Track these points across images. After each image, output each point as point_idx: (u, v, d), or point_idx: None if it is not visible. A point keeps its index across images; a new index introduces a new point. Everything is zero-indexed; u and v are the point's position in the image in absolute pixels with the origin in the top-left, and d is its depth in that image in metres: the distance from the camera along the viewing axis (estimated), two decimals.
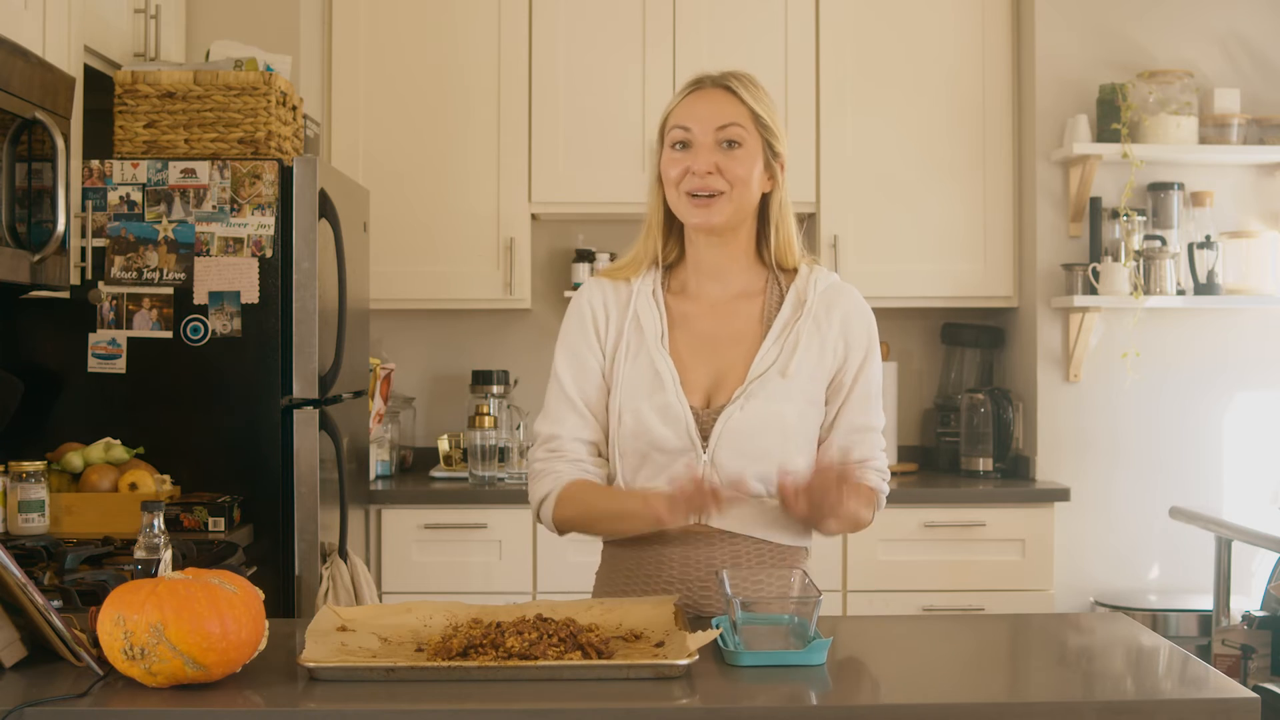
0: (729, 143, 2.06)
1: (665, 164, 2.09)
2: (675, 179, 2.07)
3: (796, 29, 4.19)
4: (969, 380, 4.38)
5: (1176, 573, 4.07)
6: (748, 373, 2.06)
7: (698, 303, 2.13)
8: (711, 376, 2.08)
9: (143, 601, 1.60)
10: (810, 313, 2.10)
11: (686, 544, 2.06)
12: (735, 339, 2.10)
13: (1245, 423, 4.11)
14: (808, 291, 2.12)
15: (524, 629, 1.76)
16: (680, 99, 2.10)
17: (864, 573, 3.91)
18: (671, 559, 2.06)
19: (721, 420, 2.04)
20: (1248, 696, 1.62)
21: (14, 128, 2.57)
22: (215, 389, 3.11)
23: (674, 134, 2.08)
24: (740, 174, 2.05)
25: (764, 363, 2.07)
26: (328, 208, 3.23)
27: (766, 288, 2.14)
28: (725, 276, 2.13)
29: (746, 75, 2.12)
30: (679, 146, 2.07)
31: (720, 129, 2.05)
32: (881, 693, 1.73)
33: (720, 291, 2.13)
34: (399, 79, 4.18)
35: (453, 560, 3.89)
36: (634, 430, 2.05)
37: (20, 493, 2.84)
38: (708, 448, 2.04)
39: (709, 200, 2.05)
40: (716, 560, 2.06)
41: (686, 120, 2.07)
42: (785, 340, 2.08)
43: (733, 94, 2.07)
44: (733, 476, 2.02)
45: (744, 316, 2.12)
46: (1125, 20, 4.09)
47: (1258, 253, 4.05)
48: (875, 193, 4.20)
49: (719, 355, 2.09)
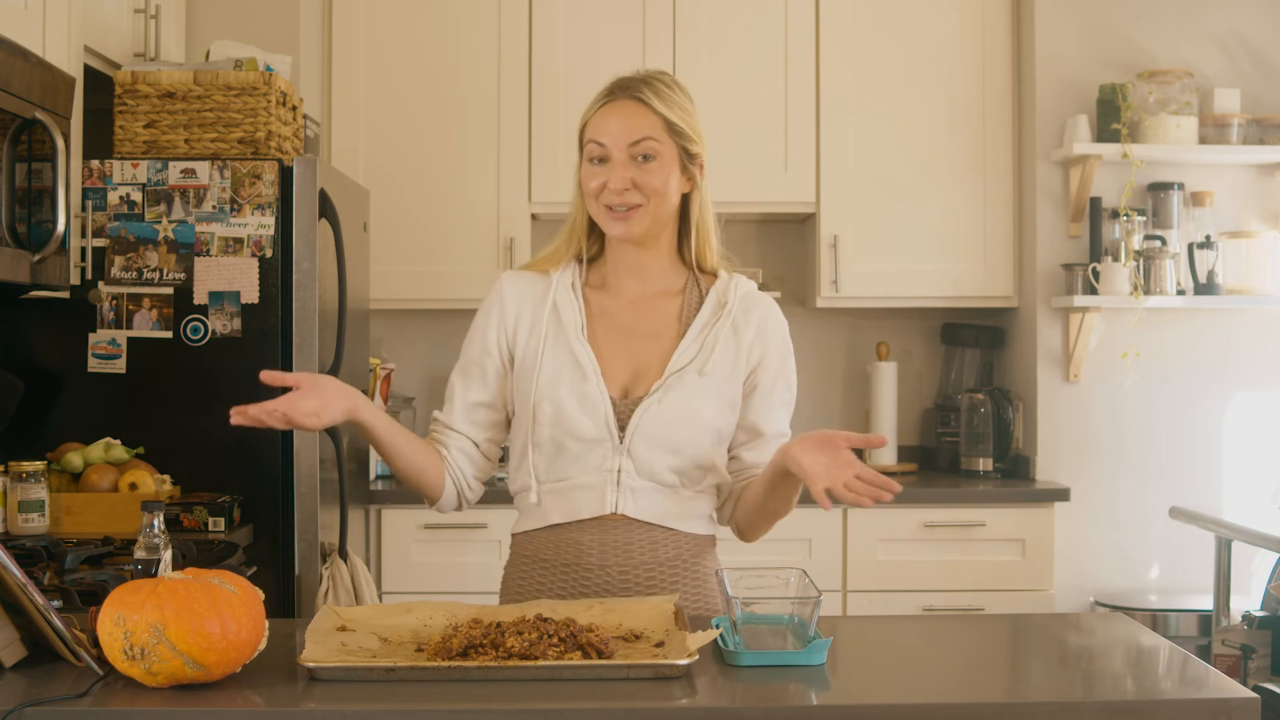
0: (643, 156, 2.07)
1: (584, 176, 2.12)
2: (593, 192, 2.09)
3: (796, 29, 4.19)
4: (969, 380, 4.38)
5: (1176, 573, 4.07)
6: (666, 368, 2.09)
7: (617, 298, 2.16)
8: (630, 369, 2.11)
9: (143, 601, 1.60)
10: (730, 315, 2.14)
11: (603, 532, 2.09)
12: (654, 335, 2.13)
13: (1245, 423, 4.11)
14: (728, 295, 2.16)
15: (524, 629, 1.76)
16: (595, 109, 2.11)
17: (864, 573, 3.91)
18: (589, 546, 2.10)
19: (639, 412, 2.07)
20: (1248, 696, 1.62)
21: (14, 128, 2.57)
22: (215, 389, 3.11)
23: (589, 149, 2.09)
24: (656, 186, 2.07)
25: (682, 359, 2.10)
26: (328, 208, 3.22)
27: (686, 288, 2.18)
28: (645, 274, 2.16)
29: (660, 80, 2.12)
30: (595, 161, 2.09)
31: (633, 144, 2.06)
32: (881, 693, 1.73)
33: (640, 289, 2.16)
34: (399, 79, 4.18)
35: (453, 560, 3.89)
36: (552, 419, 2.08)
37: (20, 493, 2.84)
38: (624, 439, 2.07)
39: (627, 213, 2.08)
40: (634, 548, 2.09)
41: (600, 135, 2.08)
42: (704, 340, 2.12)
43: (644, 104, 2.08)
44: (647, 467, 2.07)
45: (663, 314, 2.15)
46: (1125, 20, 4.09)
47: (1258, 253, 4.05)
48: (875, 193, 4.20)
49: (637, 350, 2.12)
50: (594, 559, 2.09)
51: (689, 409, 2.08)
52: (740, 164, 4.16)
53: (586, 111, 2.12)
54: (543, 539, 2.14)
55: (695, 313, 2.15)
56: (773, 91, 4.18)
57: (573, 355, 2.09)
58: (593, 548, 2.10)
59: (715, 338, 2.12)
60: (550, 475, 2.11)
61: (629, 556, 2.09)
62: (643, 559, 2.09)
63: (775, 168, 4.19)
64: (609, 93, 2.11)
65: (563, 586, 2.11)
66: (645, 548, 2.10)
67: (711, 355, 2.10)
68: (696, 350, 2.11)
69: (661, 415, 2.07)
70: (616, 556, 2.09)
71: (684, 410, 2.08)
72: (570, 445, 2.08)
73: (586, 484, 2.09)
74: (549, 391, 2.08)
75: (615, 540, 2.10)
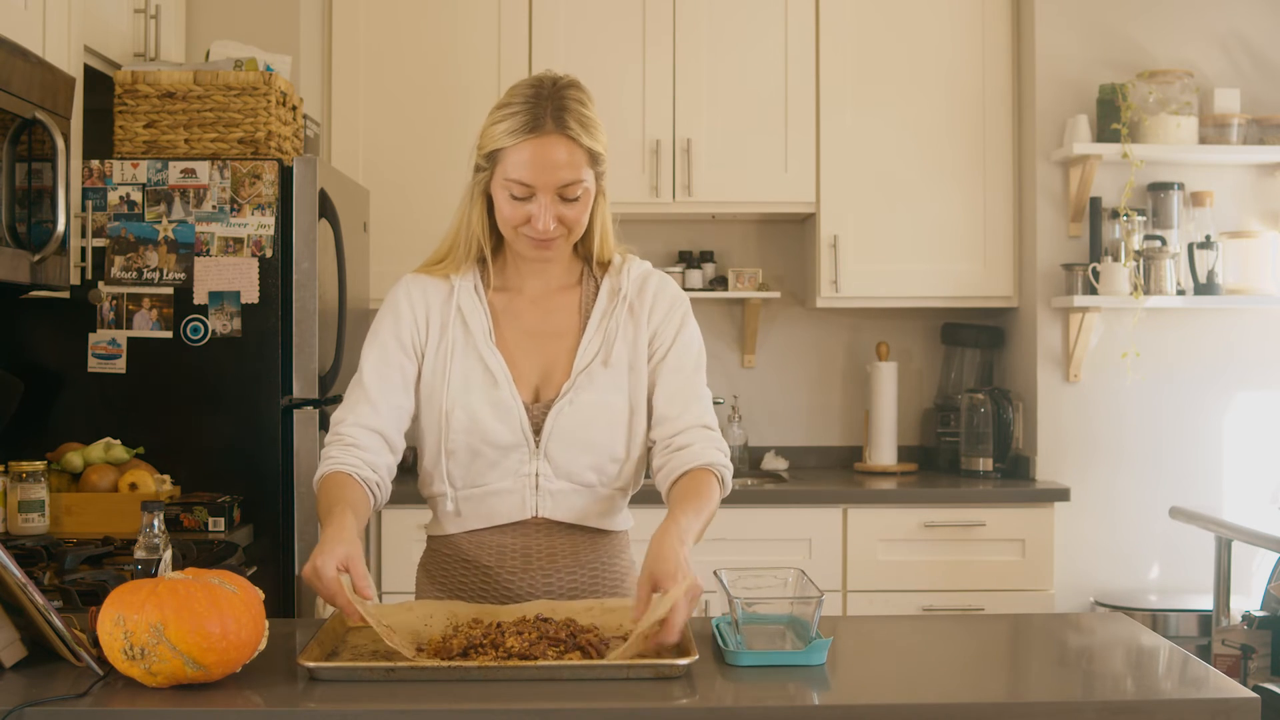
0: (571, 197, 2.02)
1: (504, 207, 2.03)
2: (515, 223, 2.03)
3: (796, 29, 4.19)
4: (969, 380, 4.38)
5: (1176, 573, 4.07)
6: (573, 365, 2.09)
7: (517, 297, 2.14)
8: (539, 371, 2.10)
9: (143, 601, 1.60)
10: (625, 300, 2.12)
11: (524, 535, 2.09)
12: (558, 333, 2.12)
13: (1245, 423, 4.11)
14: (622, 280, 2.14)
15: (524, 629, 1.76)
16: (518, 141, 1.98)
17: (864, 573, 3.91)
18: (511, 549, 2.09)
19: (552, 416, 2.06)
20: (1248, 696, 1.62)
21: (14, 128, 2.57)
22: (215, 389, 3.11)
23: (512, 186, 2.00)
24: (579, 218, 2.05)
25: (587, 355, 2.09)
26: (328, 208, 3.22)
27: (582, 279, 2.16)
28: (548, 273, 2.14)
29: (577, 100, 2.02)
30: (517, 197, 2.01)
31: (563, 187, 2.00)
32: (881, 693, 1.73)
33: (541, 286, 2.14)
34: (399, 79, 4.18)
35: None
36: (466, 426, 2.06)
37: (20, 493, 2.84)
38: (540, 442, 2.06)
39: (549, 243, 2.04)
40: (556, 550, 2.09)
41: (527, 176, 1.98)
42: (605, 330, 2.11)
43: (572, 141, 2.00)
44: (565, 468, 2.06)
45: (564, 309, 2.14)
46: (1125, 20, 4.09)
47: (1258, 253, 4.05)
48: (875, 192, 4.20)
49: (543, 350, 2.11)
50: (517, 562, 2.09)
51: (601, 404, 2.07)
52: (740, 164, 4.17)
53: (499, 133, 2.00)
54: (462, 541, 2.13)
55: (593, 303, 2.13)
56: (772, 91, 4.18)
57: (482, 362, 2.07)
58: (515, 550, 2.09)
59: (615, 326, 2.11)
60: (466, 481, 2.09)
61: (552, 560, 2.09)
62: (564, 561, 2.10)
63: (775, 167, 4.19)
64: (532, 121, 1.99)
65: (484, 587, 2.10)
66: (567, 550, 2.10)
67: (614, 345, 2.10)
68: (600, 343, 2.10)
69: (575, 415, 2.06)
70: (540, 560, 2.09)
71: (596, 406, 2.07)
72: (486, 451, 2.07)
73: (504, 489, 2.08)
74: (461, 399, 2.06)
75: (537, 544, 2.09)
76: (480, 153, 2.05)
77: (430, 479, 2.12)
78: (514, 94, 2.03)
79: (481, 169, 2.06)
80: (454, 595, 2.11)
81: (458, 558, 2.13)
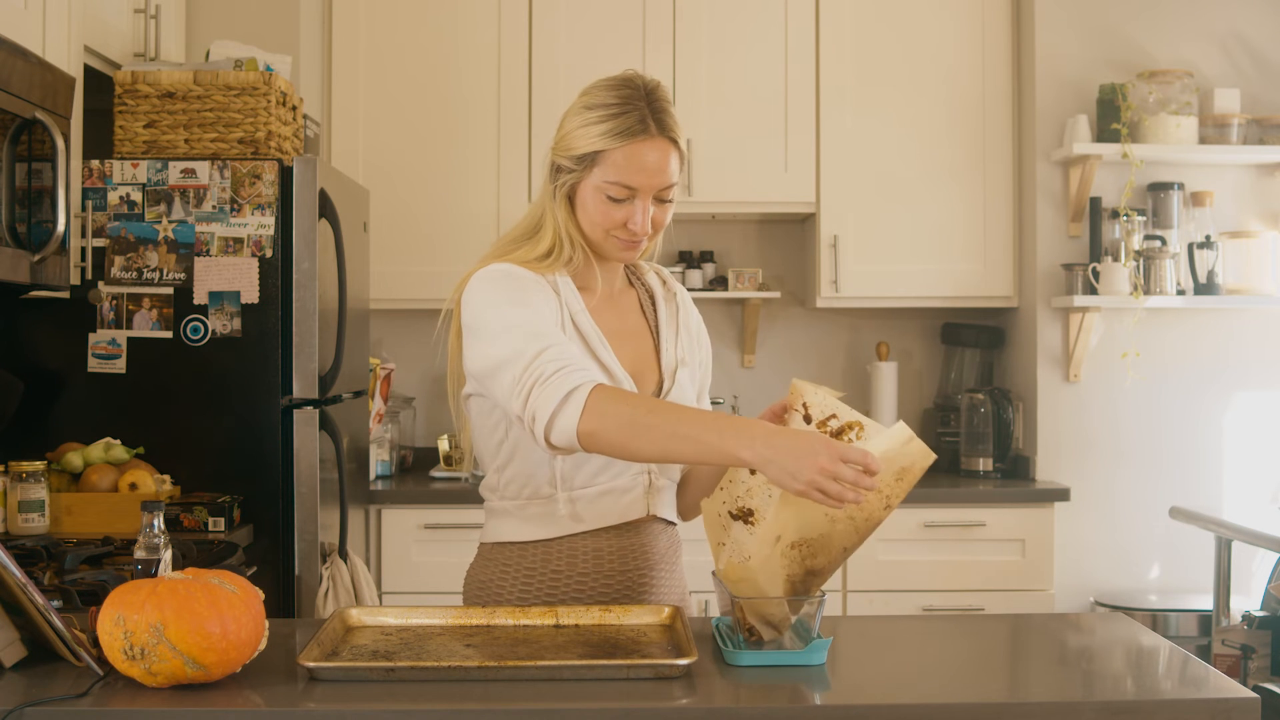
0: (665, 199, 2.01)
1: (598, 208, 1.98)
2: (610, 225, 1.99)
3: (796, 29, 4.19)
4: (969, 380, 4.38)
5: (1176, 573, 4.07)
6: (661, 365, 2.10)
7: (593, 298, 2.08)
8: (631, 370, 2.07)
9: (143, 601, 1.60)
10: (676, 303, 2.17)
11: (627, 536, 2.05)
12: (634, 333, 2.12)
13: (1245, 423, 4.11)
14: (650, 281, 2.17)
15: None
16: (622, 144, 1.95)
17: (864, 573, 3.91)
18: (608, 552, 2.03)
19: None
20: (1248, 696, 1.62)
21: (14, 128, 2.57)
22: (215, 389, 3.11)
23: (611, 189, 1.96)
24: (667, 220, 2.04)
25: (671, 354, 2.11)
26: (328, 208, 3.22)
27: (631, 281, 2.18)
28: (614, 274, 2.13)
29: (669, 102, 2.00)
30: (615, 199, 1.97)
31: (662, 190, 1.99)
32: (881, 693, 1.73)
33: (608, 288, 2.12)
34: (399, 79, 4.18)
35: (453, 560, 3.86)
36: None
37: (20, 493, 2.84)
38: None
39: (638, 244, 2.02)
40: (651, 549, 2.06)
41: (632, 179, 1.95)
42: (675, 329, 2.14)
43: (673, 144, 1.98)
44: (666, 465, 2.06)
45: (632, 310, 2.14)
46: (1125, 20, 4.10)
47: (1258, 253, 4.05)
48: (875, 193, 4.21)
49: (628, 349, 2.09)
50: (614, 564, 2.04)
51: (688, 400, 2.11)
52: (740, 164, 4.17)
53: (596, 134, 1.97)
54: (556, 548, 2.04)
55: (650, 304, 2.15)
56: (773, 91, 4.18)
57: (599, 361, 2.02)
58: (612, 553, 2.04)
59: (676, 326, 2.15)
60: (579, 481, 2.02)
61: (645, 558, 2.06)
62: (652, 559, 2.07)
63: (775, 168, 4.19)
64: (636, 124, 1.96)
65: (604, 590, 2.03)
66: (663, 548, 2.09)
67: (683, 345, 2.14)
68: (674, 342, 2.13)
69: None
70: (635, 560, 2.05)
71: (687, 402, 2.10)
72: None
73: (622, 488, 2.03)
74: None
75: (637, 543, 2.05)
76: (569, 154, 2.00)
77: (529, 480, 2.03)
78: (603, 95, 1.99)
79: (569, 171, 2.01)
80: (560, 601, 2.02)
81: (544, 569, 2.03)
